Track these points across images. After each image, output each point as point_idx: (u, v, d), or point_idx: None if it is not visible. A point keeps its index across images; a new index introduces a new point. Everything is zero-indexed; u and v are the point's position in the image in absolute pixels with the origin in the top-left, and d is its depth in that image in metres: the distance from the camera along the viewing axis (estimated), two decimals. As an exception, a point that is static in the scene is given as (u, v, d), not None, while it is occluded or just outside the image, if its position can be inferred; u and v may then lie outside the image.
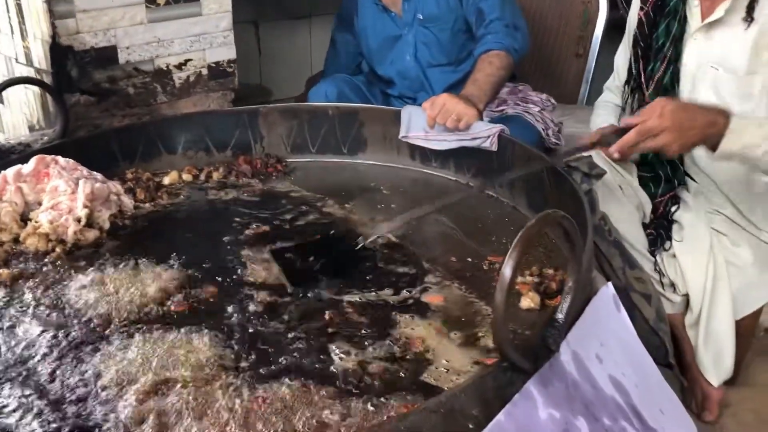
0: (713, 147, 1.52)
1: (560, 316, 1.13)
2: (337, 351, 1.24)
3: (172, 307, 1.38)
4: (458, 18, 2.43)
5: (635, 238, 1.80)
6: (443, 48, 2.48)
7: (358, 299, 1.40)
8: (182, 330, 1.30)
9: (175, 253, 1.58)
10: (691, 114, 1.46)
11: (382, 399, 1.12)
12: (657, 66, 1.78)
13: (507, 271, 0.97)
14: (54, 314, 1.36)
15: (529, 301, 1.38)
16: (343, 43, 2.73)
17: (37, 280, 1.48)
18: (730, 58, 1.67)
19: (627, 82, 1.90)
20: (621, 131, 1.49)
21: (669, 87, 1.77)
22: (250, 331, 1.31)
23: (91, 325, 1.32)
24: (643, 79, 1.81)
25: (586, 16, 3.12)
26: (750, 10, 1.65)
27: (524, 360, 1.05)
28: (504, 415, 0.99)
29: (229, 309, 1.38)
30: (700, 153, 1.77)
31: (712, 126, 1.49)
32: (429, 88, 2.53)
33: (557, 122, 2.43)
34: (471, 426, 0.97)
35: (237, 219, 1.77)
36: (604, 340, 1.22)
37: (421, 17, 2.46)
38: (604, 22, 3.10)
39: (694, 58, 1.73)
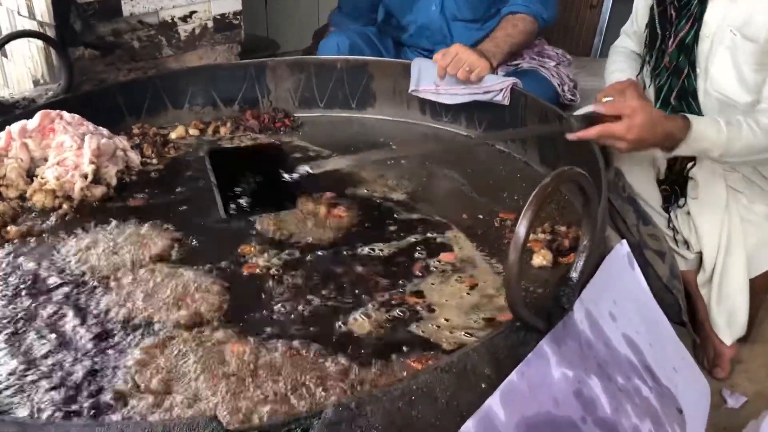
0: (668, 150, 1.54)
1: (574, 274, 1.11)
2: (344, 307, 1.24)
3: (176, 256, 1.39)
4: None
5: (649, 195, 1.77)
6: (471, 3, 2.38)
7: (367, 252, 1.40)
8: (183, 280, 1.31)
9: (182, 209, 1.57)
10: (655, 130, 1.47)
11: (387, 354, 1.12)
12: (682, 24, 1.71)
13: (521, 230, 0.95)
14: (63, 270, 1.35)
15: (541, 259, 1.37)
16: None
17: (44, 236, 1.47)
18: (751, 24, 1.59)
19: (647, 43, 1.83)
20: (588, 118, 1.48)
21: (690, 46, 1.70)
22: (257, 285, 1.31)
23: (97, 280, 1.32)
24: (664, 42, 1.75)
25: (601, -36, 3.03)
26: None
27: (537, 319, 1.04)
28: (517, 374, 0.98)
29: (233, 263, 1.37)
30: (712, 107, 1.73)
31: (669, 139, 1.50)
32: (450, 43, 2.44)
33: (572, 77, 2.38)
34: (484, 385, 0.97)
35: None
36: (617, 298, 1.20)
37: None
38: (619, -29, 3.01)
39: (716, 18, 1.66)
